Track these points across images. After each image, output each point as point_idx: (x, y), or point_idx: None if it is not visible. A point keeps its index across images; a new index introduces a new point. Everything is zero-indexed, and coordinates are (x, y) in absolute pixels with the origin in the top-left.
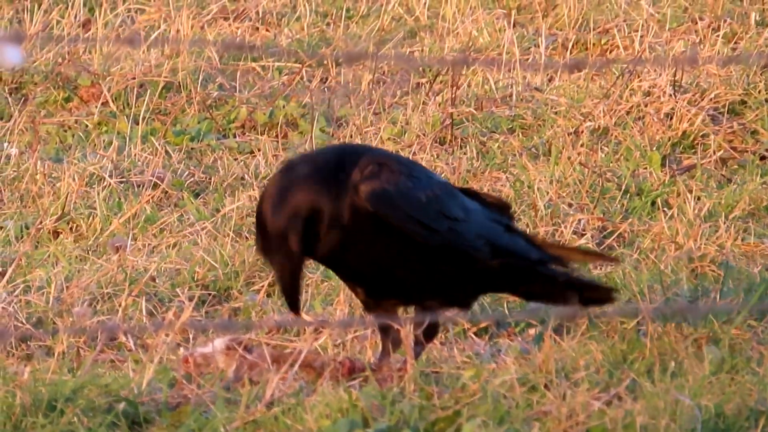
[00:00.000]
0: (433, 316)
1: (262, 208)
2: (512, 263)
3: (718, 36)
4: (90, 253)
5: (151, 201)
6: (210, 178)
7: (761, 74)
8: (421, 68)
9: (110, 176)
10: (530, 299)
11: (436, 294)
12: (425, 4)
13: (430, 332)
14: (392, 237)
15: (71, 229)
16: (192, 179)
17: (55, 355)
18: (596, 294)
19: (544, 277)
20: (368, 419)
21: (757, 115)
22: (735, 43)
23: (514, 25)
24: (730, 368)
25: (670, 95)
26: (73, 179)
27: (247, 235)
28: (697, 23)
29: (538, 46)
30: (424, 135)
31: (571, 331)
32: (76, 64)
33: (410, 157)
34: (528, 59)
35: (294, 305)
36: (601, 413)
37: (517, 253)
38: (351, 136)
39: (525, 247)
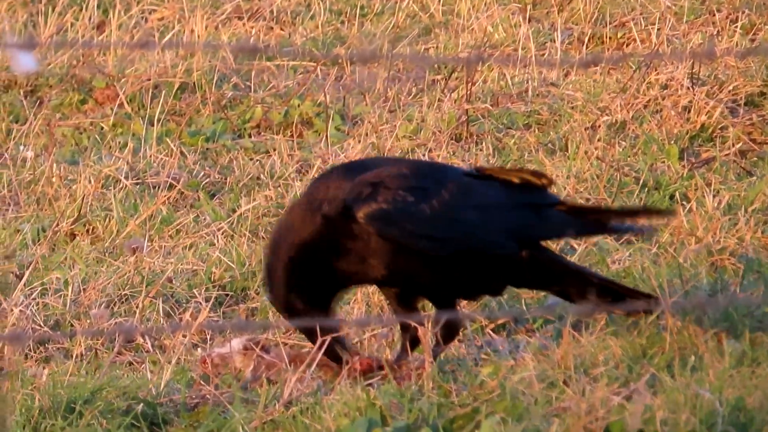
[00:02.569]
0: (453, 315)
1: (265, 276)
2: (540, 257)
3: (736, 27)
4: (107, 255)
5: (167, 202)
6: (226, 179)
7: None
8: (436, 65)
9: (126, 178)
10: (562, 297)
11: (465, 293)
12: (440, 0)
13: (450, 333)
14: (405, 252)
15: (88, 231)
16: (208, 180)
17: (73, 357)
18: (635, 299)
19: (576, 274)
20: (387, 417)
21: None
22: (753, 34)
23: (529, 21)
24: (751, 361)
25: (688, 88)
26: (89, 181)
27: (264, 235)
28: (714, 15)
29: (554, 41)
30: (439, 132)
31: (589, 327)
32: (91, 66)
33: (426, 155)
34: (544, 54)
35: (334, 357)
36: (620, 408)
37: (549, 235)
38: (366, 134)
39: (560, 224)
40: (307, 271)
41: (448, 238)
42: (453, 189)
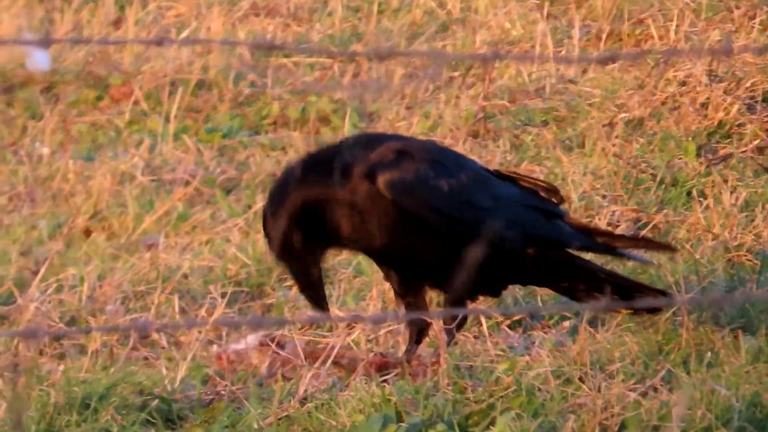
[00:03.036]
0: (464, 309)
1: (265, 214)
2: (548, 253)
3: (754, 24)
4: (122, 251)
5: (183, 199)
6: (242, 175)
7: None
8: (453, 62)
9: (142, 174)
10: (568, 295)
11: (463, 281)
12: None
13: (459, 324)
14: (414, 224)
15: (103, 227)
16: (224, 176)
17: (89, 353)
18: (646, 297)
19: (585, 272)
20: (402, 414)
21: None
22: None
23: (547, 17)
24: None
25: (706, 85)
26: (105, 178)
27: None
28: (732, 12)
29: (572, 38)
30: (457, 129)
31: (605, 323)
32: (107, 63)
33: None
34: (561, 51)
35: (318, 303)
36: (636, 405)
37: (557, 241)
38: (383, 131)
39: (568, 234)
40: (311, 223)
41: (460, 219)
42: (471, 175)
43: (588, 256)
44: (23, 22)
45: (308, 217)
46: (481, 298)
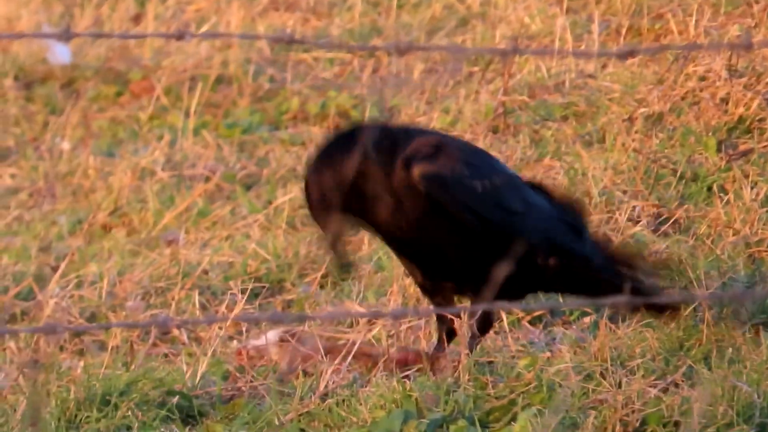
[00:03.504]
0: (489, 306)
1: (309, 168)
2: (572, 264)
3: None
4: (143, 247)
5: (203, 194)
6: (262, 171)
7: None
8: (473, 57)
9: (162, 170)
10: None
11: (486, 282)
12: None
13: (485, 325)
14: (443, 219)
15: (124, 223)
16: (244, 172)
17: (109, 349)
18: (662, 306)
19: (607, 284)
20: (423, 410)
21: None
22: None
23: (566, 12)
24: None
25: (726, 80)
26: (126, 173)
27: (300, 227)
28: (752, 6)
29: (591, 33)
30: (476, 124)
31: (626, 319)
32: (127, 58)
33: None
34: (581, 46)
35: (342, 264)
36: (657, 401)
37: (578, 253)
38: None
39: (591, 251)
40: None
41: (489, 220)
42: (503, 179)
43: None
44: (42, 18)
45: (351, 187)
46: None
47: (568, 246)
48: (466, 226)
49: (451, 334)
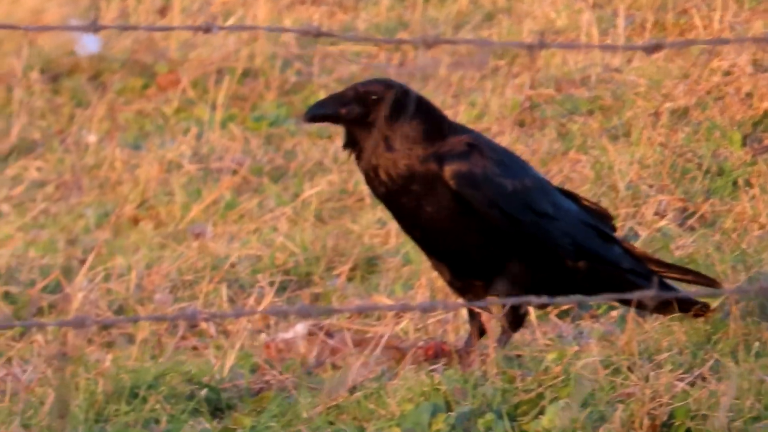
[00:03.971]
0: (517, 300)
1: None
2: (599, 268)
3: None
4: (170, 240)
5: (230, 187)
6: (289, 164)
7: None
8: (499, 51)
9: (189, 163)
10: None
11: (513, 283)
12: None
13: (516, 322)
14: (472, 217)
15: (151, 216)
16: (271, 165)
17: (137, 342)
18: (689, 306)
19: (633, 286)
20: (451, 403)
21: None
22: None
23: (592, 6)
24: None
25: (750, 74)
26: (152, 166)
27: (328, 220)
28: None
29: (617, 27)
30: (503, 117)
31: (653, 313)
32: (154, 51)
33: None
34: (606, 40)
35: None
36: (684, 394)
37: (606, 258)
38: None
39: (618, 255)
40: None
41: (518, 220)
42: (534, 182)
43: None
44: (69, 10)
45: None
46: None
47: (596, 250)
48: (495, 226)
49: (483, 331)
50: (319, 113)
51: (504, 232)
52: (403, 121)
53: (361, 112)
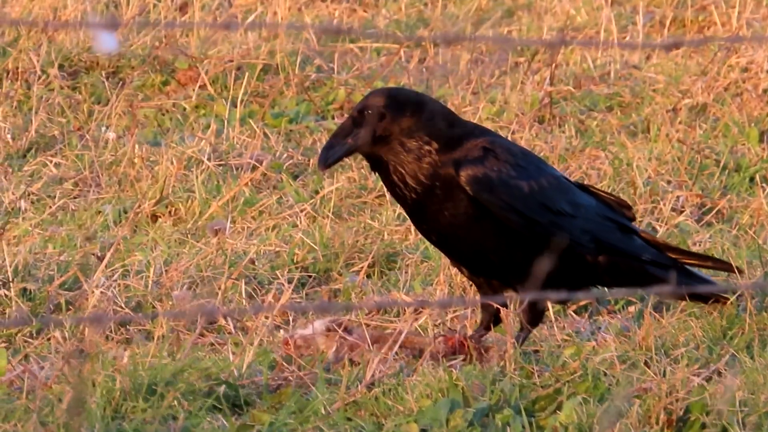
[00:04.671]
0: (535, 295)
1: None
2: (620, 261)
3: None
4: (189, 236)
5: (249, 184)
6: (309, 160)
7: None
8: (519, 48)
9: (209, 159)
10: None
11: (534, 280)
12: None
13: (535, 317)
14: (490, 221)
15: (170, 212)
16: (291, 161)
17: (155, 338)
18: (710, 297)
19: (655, 279)
20: (469, 399)
21: None
22: None
23: (611, 4)
24: None
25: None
26: (172, 163)
27: (347, 217)
28: None
29: (636, 24)
30: (522, 114)
31: (670, 308)
32: (174, 47)
33: (509, 137)
34: (626, 37)
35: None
36: (701, 389)
37: (626, 251)
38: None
39: (638, 246)
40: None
41: (536, 221)
42: (551, 180)
43: None
44: (88, 7)
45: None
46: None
47: (616, 244)
48: (513, 229)
49: (497, 320)
50: (332, 158)
51: (522, 234)
52: (416, 125)
53: (366, 132)
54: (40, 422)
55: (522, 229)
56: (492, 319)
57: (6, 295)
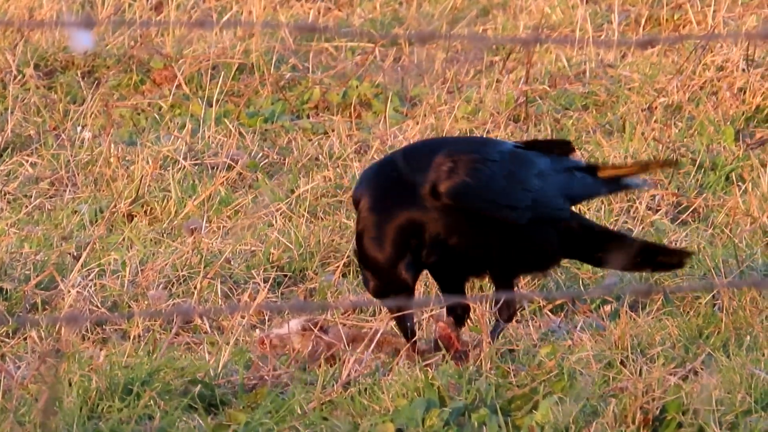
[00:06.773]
0: (510, 294)
1: (364, 250)
2: (591, 225)
3: None
4: (165, 235)
5: (225, 183)
6: (284, 159)
7: None
8: (494, 46)
9: (184, 159)
10: (602, 266)
11: (523, 267)
12: None
13: (509, 312)
14: (486, 224)
15: (145, 212)
16: (266, 160)
17: (131, 338)
18: (669, 258)
19: (618, 239)
20: (445, 398)
21: None
22: None
23: (586, 2)
24: None
25: (743, 70)
26: (147, 162)
27: (322, 216)
28: None
29: (611, 23)
30: (498, 113)
31: (646, 307)
32: (149, 46)
33: (484, 135)
34: (601, 36)
35: (408, 334)
36: (677, 388)
37: (592, 195)
38: (425, 115)
39: (594, 185)
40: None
41: (525, 206)
42: (514, 160)
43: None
44: (63, 6)
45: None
46: (528, 278)
47: (580, 193)
48: (507, 223)
49: (460, 319)
50: (404, 313)
51: (515, 223)
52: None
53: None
54: (17, 422)
55: (515, 220)
56: (459, 317)
57: None
